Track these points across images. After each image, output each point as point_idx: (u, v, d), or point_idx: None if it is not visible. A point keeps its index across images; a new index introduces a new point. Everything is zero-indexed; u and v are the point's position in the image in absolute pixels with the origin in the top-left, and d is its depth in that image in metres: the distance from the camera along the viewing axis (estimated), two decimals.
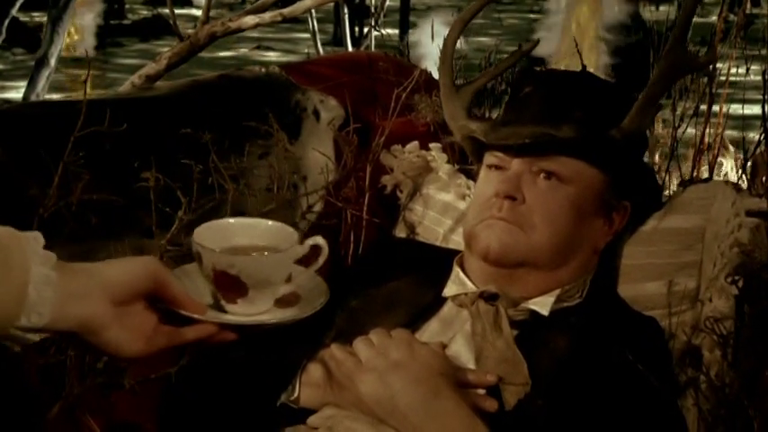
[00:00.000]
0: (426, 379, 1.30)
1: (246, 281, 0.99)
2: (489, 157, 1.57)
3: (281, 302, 1.03)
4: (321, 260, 1.07)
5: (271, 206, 1.80)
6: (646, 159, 2.28)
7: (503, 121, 1.58)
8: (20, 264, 0.91)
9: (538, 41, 1.88)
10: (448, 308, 1.52)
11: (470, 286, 1.52)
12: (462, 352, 1.44)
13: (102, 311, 0.95)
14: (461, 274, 1.54)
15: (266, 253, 1.01)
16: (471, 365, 1.41)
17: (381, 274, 1.59)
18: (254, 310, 1.01)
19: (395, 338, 1.33)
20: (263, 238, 1.04)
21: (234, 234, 1.04)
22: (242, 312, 1.01)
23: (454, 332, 1.48)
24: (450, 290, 1.53)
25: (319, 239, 1.06)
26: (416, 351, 1.32)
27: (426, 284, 1.55)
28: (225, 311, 1.01)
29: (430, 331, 1.48)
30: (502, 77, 2.24)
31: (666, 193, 2.00)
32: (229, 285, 1.00)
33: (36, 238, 0.94)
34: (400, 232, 1.98)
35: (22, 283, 0.90)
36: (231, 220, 1.07)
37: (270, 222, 1.07)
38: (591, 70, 1.87)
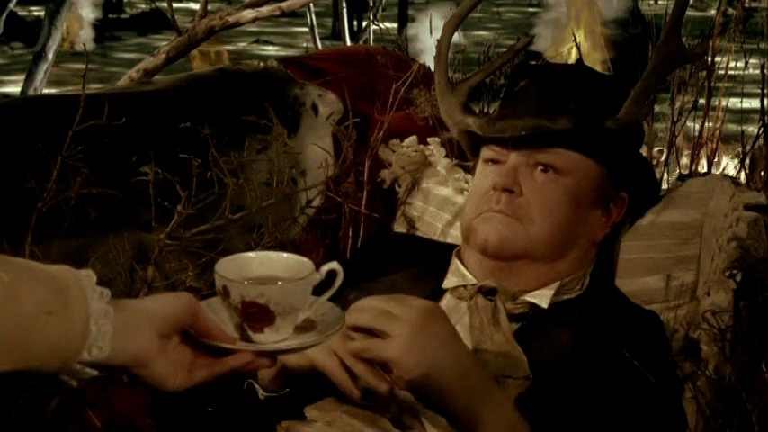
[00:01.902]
0: (468, 351, 1.30)
1: (275, 309, 1.03)
2: (486, 151, 1.57)
3: (299, 329, 1.08)
4: (337, 284, 1.10)
5: (270, 200, 1.80)
6: (645, 153, 2.28)
7: (499, 115, 1.58)
8: (80, 300, 0.94)
9: (533, 37, 1.88)
10: (446, 300, 1.52)
11: (470, 277, 1.52)
12: None
13: (151, 344, 1.00)
14: (461, 266, 1.55)
15: (291, 281, 1.06)
16: None
17: (379, 267, 1.59)
18: (278, 338, 1.05)
19: (433, 313, 1.28)
20: (280, 269, 1.08)
21: (253, 267, 1.09)
22: (268, 340, 1.05)
23: (454, 322, 1.48)
24: (449, 281, 1.54)
25: (335, 265, 1.10)
26: (452, 327, 1.30)
27: (425, 277, 1.55)
28: (252, 341, 1.05)
29: None
30: (501, 72, 2.24)
31: (665, 187, 2.00)
32: (257, 315, 1.04)
33: (89, 276, 0.97)
34: (399, 227, 1.98)
35: (83, 319, 0.94)
36: (251, 254, 1.12)
37: (285, 254, 1.11)
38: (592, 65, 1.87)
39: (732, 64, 2.69)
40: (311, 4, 5.17)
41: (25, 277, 0.93)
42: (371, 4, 6.12)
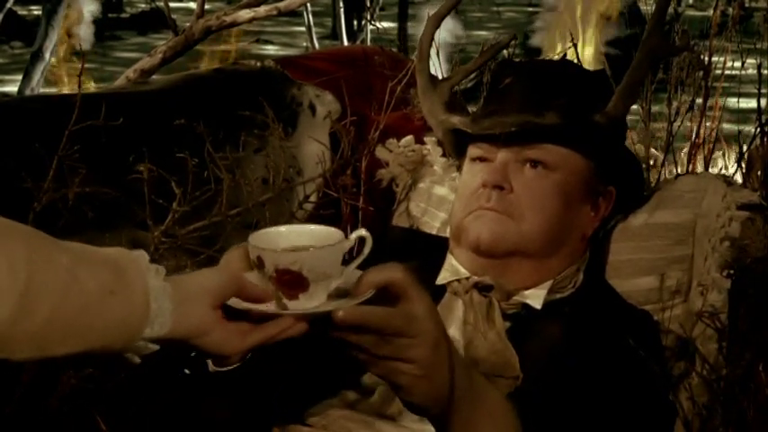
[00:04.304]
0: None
1: (308, 275, 1.06)
2: (473, 149, 1.57)
3: (331, 297, 1.09)
4: (366, 250, 1.12)
5: (267, 195, 1.81)
6: (643, 152, 2.28)
7: (485, 112, 1.58)
8: (138, 279, 0.98)
9: (515, 36, 1.91)
10: (447, 296, 1.52)
11: (463, 272, 1.52)
12: (456, 338, 1.45)
13: (207, 315, 1.03)
14: (454, 261, 1.54)
15: (322, 247, 1.08)
16: (461, 352, 1.41)
17: (382, 261, 1.58)
18: (313, 304, 1.07)
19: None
20: (311, 238, 1.10)
21: (284, 238, 1.11)
22: (303, 307, 1.07)
23: (452, 319, 1.48)
24: (443, 277, 1.53)
25: (364, 232, 1.13)
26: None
27: (427, 274, 1.55)
28: (287, 308, 1.08)
29: None
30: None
31: None
32: (292, 282, 1.06)
33: (142, 255, 1.01)
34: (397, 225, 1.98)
35: (144, 297, 0.97)
36: (281, 228, 1.14)
37: (313, 226, 1.14)
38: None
39: (729, 64, 2.68)
40: (308, 4, 5.17)
41: (84, 260, 0.95)
42: (369, 4, 6.13)
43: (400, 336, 1.02)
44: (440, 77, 1.79)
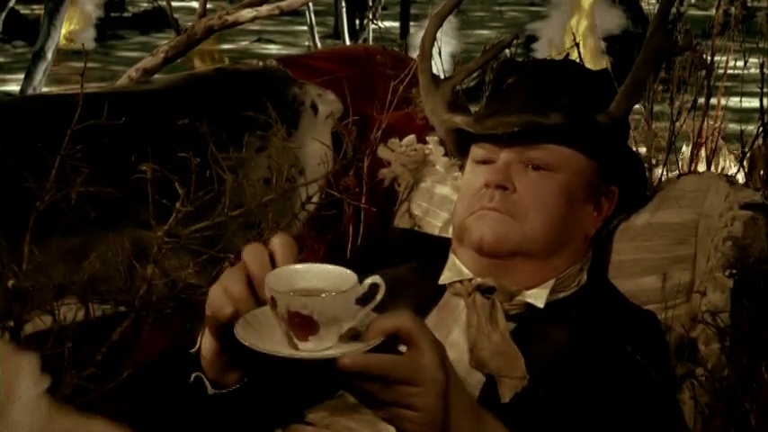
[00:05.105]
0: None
1: (318, 319, 1.08)
2: (476, 150, 1.57)
3: (343, 338, 1.12)
4: (379, 297, 1.14)
5: (270, 196, 1.81)
6: (645, 153, 2.29)
7: (487, 112, 1.58)
8: None
9: (516, 36, 1.91)
10: (447, 296, 1.52)
11: (466, 272, 1.52)
12: (460, 341, 1.45)
13: None
14: (457, 261, 1.54)
15: (333, 293, 1.10)
16: (466, 355, 1.42)
17: (382, 260, 1.59)
18: (322, 346, 1.10)
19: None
20: (325, 281, 1.13)
21: (299, 278, 1.14)
22: (313, 348, 1.10)
23: (454, 320, 1.48)
24: (446, 277, 1.53)
25: (377, 278, 1.14)
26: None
27: (426, 274, 1.55)
28: (297, 348, 1.11)
29: (431, 320, 1.47)
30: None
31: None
32: (302, 324, 1.09)
33: None
34: (400, 225, 1.98)
35: None
36: (297, 267, 1.16)
37: (330, 267, 1.16)
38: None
39: (732, 63, 2.69)
40: (310, 3, 5.18)
41: None
42: (371, 4, 6.14)
43: (406, 384, 1.04)
44: (442, 77, 1.79)
